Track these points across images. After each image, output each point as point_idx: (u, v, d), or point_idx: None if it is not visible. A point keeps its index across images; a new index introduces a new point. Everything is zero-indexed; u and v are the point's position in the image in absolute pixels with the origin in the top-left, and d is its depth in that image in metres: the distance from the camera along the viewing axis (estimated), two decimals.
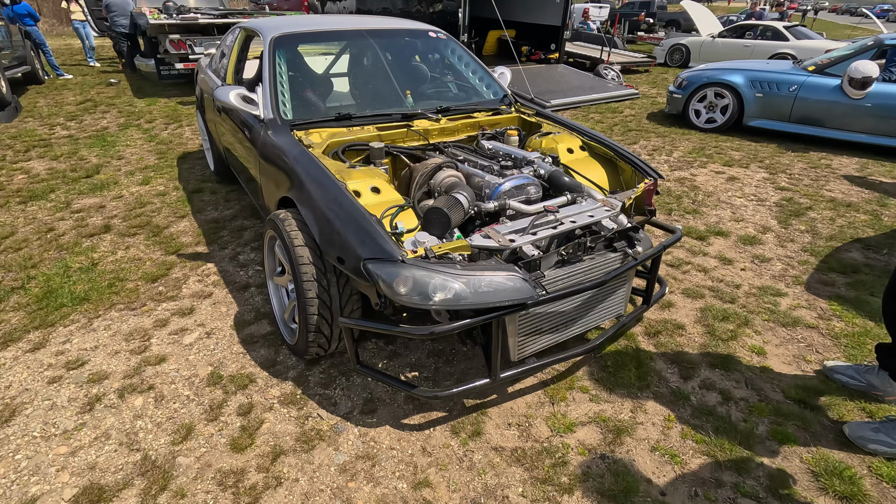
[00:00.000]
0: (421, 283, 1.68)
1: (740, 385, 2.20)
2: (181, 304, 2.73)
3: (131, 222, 3.69)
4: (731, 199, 4.29)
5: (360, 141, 2.53)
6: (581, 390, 2.17)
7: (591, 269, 2.03)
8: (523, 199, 2.26)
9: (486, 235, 1.92)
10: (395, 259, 1.71)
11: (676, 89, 6.72)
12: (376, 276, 1.72)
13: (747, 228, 3.73)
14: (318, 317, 2.01)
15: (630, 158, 2.56)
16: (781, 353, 2.40)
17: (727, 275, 3.09)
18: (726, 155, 5.50)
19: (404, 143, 2.70)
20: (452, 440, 1.92)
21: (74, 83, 9.21)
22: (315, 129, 2.58)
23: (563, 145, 2.69)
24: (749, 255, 3.33)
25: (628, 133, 6.33)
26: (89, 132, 6.16)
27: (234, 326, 2.55)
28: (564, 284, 1.95)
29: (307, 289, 1.97)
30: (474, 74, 3.43)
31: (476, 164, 2.50)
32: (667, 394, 2.15)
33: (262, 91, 2.70)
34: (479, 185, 2.31)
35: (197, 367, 2.27)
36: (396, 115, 2.77)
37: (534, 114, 3.11)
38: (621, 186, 2.65)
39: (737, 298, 2.83)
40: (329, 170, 2.14)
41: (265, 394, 2.12)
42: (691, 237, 3.58)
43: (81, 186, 4.37)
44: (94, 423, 1.96)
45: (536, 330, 1.99)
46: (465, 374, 2.25)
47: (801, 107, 5.75)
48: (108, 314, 2.63)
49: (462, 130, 2.87)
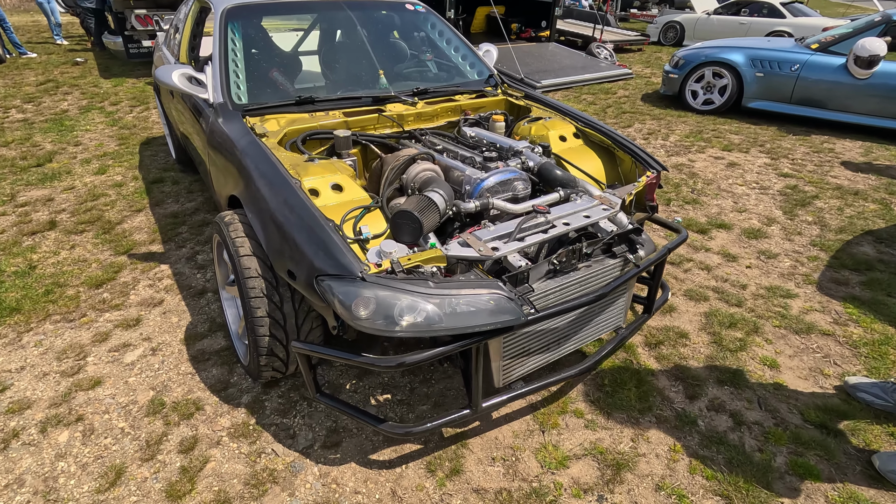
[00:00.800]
0: (385, 305, 1.40)
1: (753, 405, 1.96)
2: (126, 313, 2.43)
3: (80, 217, 3.34)
4: (732, 188, 4.03)
5: (322, 129, 2.21)
6: (575, 414, 1.91)
7: (588, 280, 1.76)
8: (509, 196, 1.97)
9: (464, 243, 1.63)
10: (354, 275, 1.42)
11: (672, 69, 6.40)
12: (331, 295, 1.43)
13: (751, 220, 3.48)
14: (270, 338, 1.72)
15: (630, 148, 2.27)
16: (796, 365, 2.17)
17: (732, 273, 2.84)
18: (725, 139, 5.23)
19: (375, 130, 2.38)
20: (427, 480, 1.66)
21: (38, 62, 8.65)
22: (272, 115, 2.25)
23: (554, 132, 2.39)
24: (754, 251, 3.08)
25: (622, 115, 6.02)
26: (47, 115, 5.72)
27: (184, 341, 2.26)
28: (557, 299, 1.68)
29: (255, 306, 1.68)
30: (457, 52, 3.09)
31: (456, 155, 2.20)
32: (671, 418, 1.90)
33: (212, 71, 2.36)
34: (458, 180, 2.01)
35: (137, 391, 1.98)
36: (367, 99, 2.44)
37: (522, 96, 2.80)
38: (620, 179, 2.36)
39: (744, 301, 2.58)
40: (282, 164, 1.83)
41: (213, 424, 1.84)
42: (692, 230, 3.32)
43: (30, 176, 3.99)
44: (6, 466, 1.67)
45: (524, 351, 1.72)
46: (444, 397, 1.99)
47: (804, 87, 5.47)
48: (42, 327, 2.32)
49: (441, 115, 2.56)
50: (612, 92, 7.20)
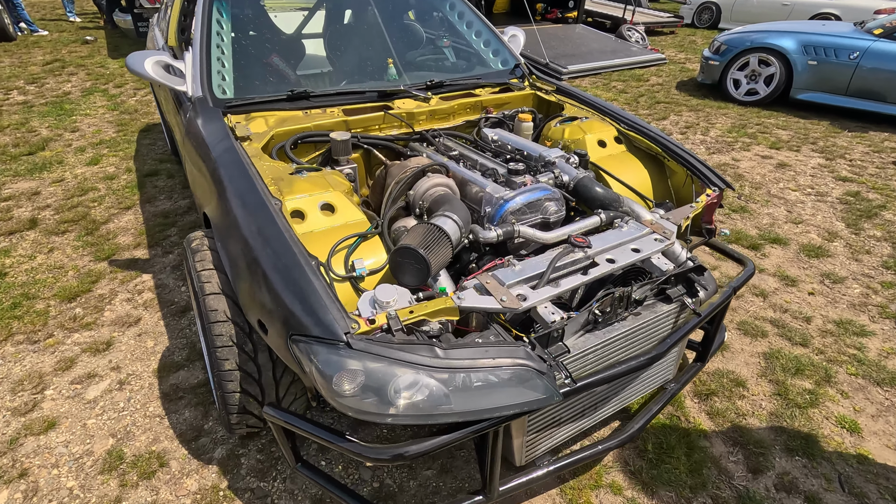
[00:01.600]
0: (377, 381, 1.07)
1: (832, 485, 1.60)
2: (97, 334, 2.15)
3: (64, 215, 3.07)
4: (783, 193, 3.58)
5: (317, 130, 1.86)
6: (612, 490, 1.57)
7: (637, 332, 1.40)
8: (538, 220, 1.61)
9: (482, 288, 1.29)
10: (338, 339, 1.08)
11: (713, 55, 5.85)
12: (309, 363, 1.10)
13: (809, 234, 3.05)
14: (242, 394, 1.41)
15: (685, 159, 1.88)
16: (881, 429, 1.79)
17: (792, 301, 2.44)
18: (772, 134, 4.73)
19: (381, 131, 2.03)
20: None
21: (48, 40, 8.41)
22: (260, 113, 1.91)
23: (592, 136, 2.01)
24: (816, 273, 2.67)
25: (656, 106, 5.53)
26: (48, 98, 5.47)
27: (157, 372, 1.97)
28: (598, 360, 1.33)
29: (223, 357, 1.36)
30: (479, 38, 2.70)
31: (475, 165, 1.84)
32: (732, 499, 1.55)
33: (191, 58, 2.02)
34: (477, 198, 1.66)
35: (94, 438, 1.70)
36: (371, 94, 2.08)
37: (553, 90, 2.40)
38: (671, 195, 1.98)
39: (809, 339, 2.19)
40: (262, 179, 1.49)
41: (177, 487, 1.55)
42: (742, 245, 2.91)
43: (19, 166, 3.74)
44: None
45: (553, 422, 1.38)
46: (453, 458, 1.66)
47: (863, 77, 4.91)
48: (2, 349, 2.06)
49: (459, 114, 2.19)
50: (643, 79, 6.67)
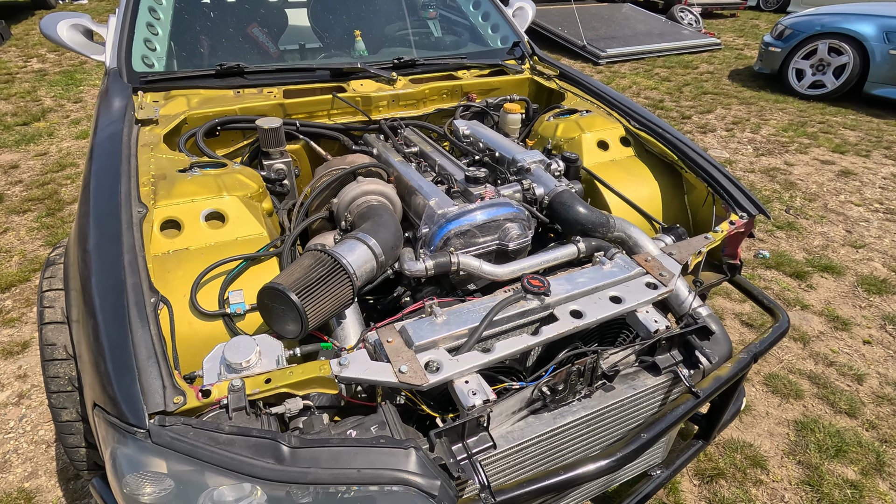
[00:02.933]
0: (186, 489, 0.74)
1: None
2: (18, 333, 1.93)
3: (32, 192, 2.90)
4: (844, 208, 3.00)
5: (243, 114, 1.52)
6: None
7: (606, 418, 1.02)
8: (494, 247, 1.22)
9: (379, 348, 0.93)
10: (136, 426, 0.75)
11: (774, 41, 5.13)
12: (103, 451, 0.79)
13: (872, 262, 2.50)
14: (89, 449, 1.12)
15: (708, 172, 1.43)
16: None
17: (842, 352, 1.95)
18: (837, 136, 4.07)
19: (330, 118, 1.67)
20: None
21: (87, 8, 8.46)
22: (182, 91, 1.59)
23: (591, 135, 1.58)
24: (877, 315, 2.15)
25: (702, 97, 4.91)
26: (64, 66, 5.41)
27: None
28: (538, 459, 0.96)
29: (58, 405, 1.07)
30: (476, 9, 2.27)
31: (433, 166, 1.46)
32: None
33: (114, 22, 1.71)
34: (420, 210, 1.28)
35: None
36: (323, 72, 1.71)
37: (556, 75, 1.97)
38: (686, 216, 1.54)
39: (859, 406, 1.72)
40: (137, 177, 1.17)
41: None
42: (783, 271, 2.41)
43: (9, 137, 3.62)
44: None
45: None
46: None
47: None
48: None
49: (431, 100, 1.80)
50: (692, 66, 5.99)
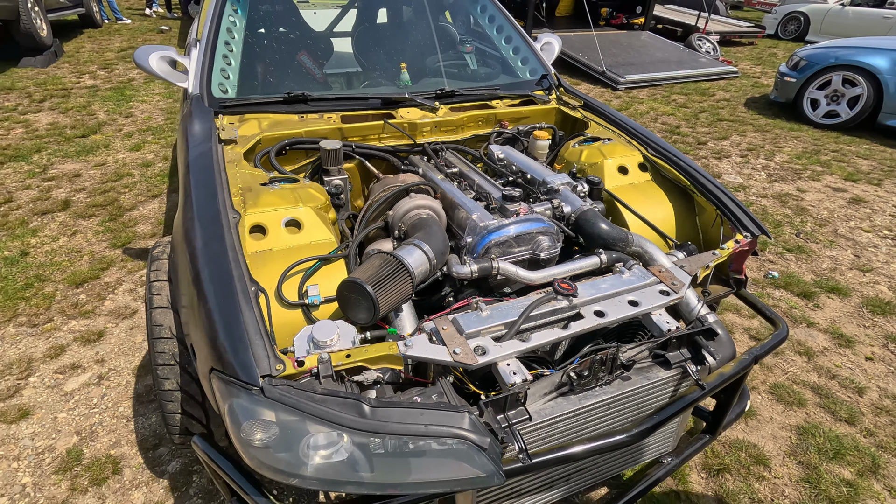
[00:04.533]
0: (289, 436, 0.94)
1: None
2: (93, 323, 2.17)
3: (95, 199, 3.18)
4: (854, 234, 3.14)
5: (309, 136, 1.76)
6: None
7: (622, 402, 1.19)
8: (527, 256, 1.42)
9: (436, 334, 1.12)
10: (250, 384, 0.96)
11: (790, 71, 5.30)
12: (220, 405, 0.99)
13: (878, 285, 2.63)
14: (184, 416, 1.32)
15: (717, 197, 1.61)
16: None
17: (844, 367, 2.09)
18: (850, 164, 4.20)
19: (380, 141, 1.90)
20: None
21: (130, 28, 8.98)
22: (254, 115, 1.84)
23: (613, 161, 1.78)
24: (880, 334, 2.28)
25: (717, 124, 5.09)
26: (114, 83, 5.80)
27: (136, 370, 1.95)
28: (568, 433, 1.14)
29: (163, 376, 1.28)
30: (508, 44, 2.51)
31: (472, 185, 1.67)
32: None
33: (196, 54, 1.98)
34: (464, 224, 1.49)
35: (61, 433, 1.69)
36: (375, 101, 1.95)
37: (580, 106, 2.18)
38: (696, 236, 1.72)
39: (858, 416, 1.86)
40: (229, 188, 1.40)
41: (123, 499, 1.50)
42: (791, 291, 2.55)
43: (70, 148, 3.94)
44: None
45: (512, 494, 1.20)
46: None
47: None
48: (3, 329, 2.11)
49: (469, 126, 2.02)
50: (709, 93, 6.18)
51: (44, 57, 6.42)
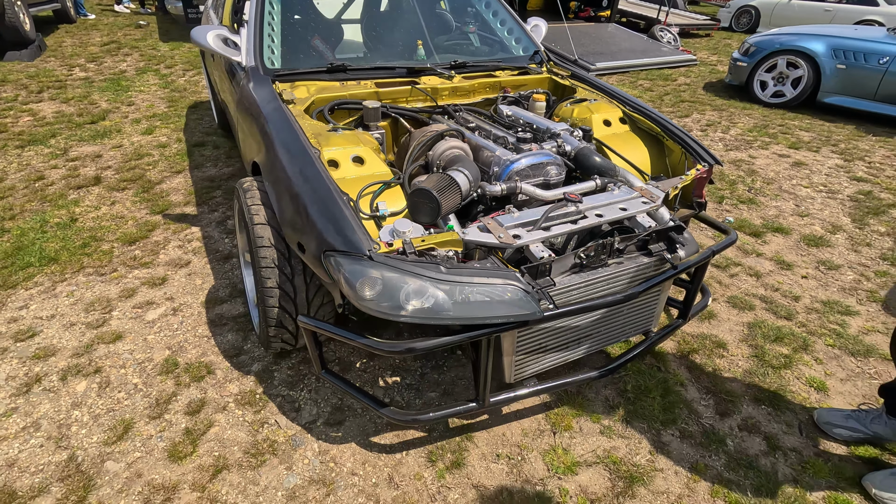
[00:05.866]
0: (392, 287, 1.32)
1: (792, 429, 1.78)
2: (154, 272, 2.48)
3: (123, 175, 3.44)
4: (795, 189, 3.69)
5: (351, 98, 2.13)
6: (591, 419, 1.80)
7: (617, 278, 1.62)
8: (540, 181, 1.84)
9: (484, 228, 1.53)
10: (361, 254, 1.34)
11: (742, 56, 5.91)
12: (337, 272, 1.37)
13: (813, 226, 3.17)
14: (280, 310, 1.68)
15: (680, 138, 2.07)
16: (848, 390, 1.95)
17: (784, 283, 2.60)
18: (793, 135, 4.80)
19: (408, 103, 2.28)
20: (427, 470, 1.60)
21: (105, 24, 8.98)
22: (303, 82, 2.19)
23: (598, 116, 2.22)
24: (813, 260, 2.80)
25: (680, 104, 5.64)
26: (106, 75, 5.93)
27: (204, 304, 2.28)
28: (580, 296, 1.55)
29: (266, 277, 1.64)
30: (503, 26, 2.92)
31: (489, 134, 2.07)
32: (697, 433, 1.75)
33: (246, 33, 2.31)
34: (487, 161, 1.89)
35: (154, 349, 2.01)
36: (401, 70, 2.34)
37: (568, 76, 2.61)
38: (667, 171, 2.17)
39: (794, 314, 2.35)
40: (304, 133, 1.76)
41: (221, 389, 1.85)
42: (744, 232, 3.06)
43: (83, 133, 4.15)
44: (26, 409, 1.73)
45: (540, 347, 1.61)
46: (454, 385, 1.91)
47: (892, 82, 4.92)
48: (75, 278, 2.40)
49: (479, 91, 2.42)
50: (671, 79, 6.76)
51: (29, 51, 6.49)
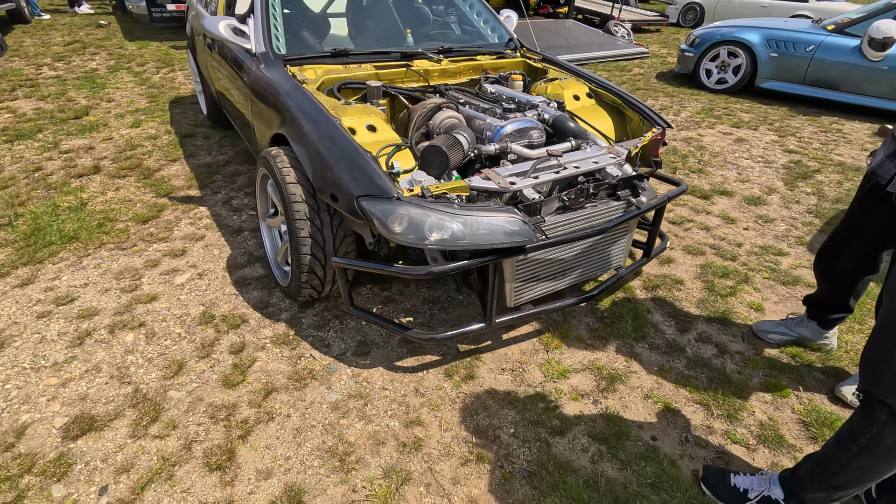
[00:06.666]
0: (416, 222, 1.62)
1: (737, 339, 2.19)
2: (172, 245, 2.68)
3: (121, 164, 3.59)
4: (737, 161, 4.19)
5: (356, 79, 2.41)
6: (576, 339, 2.15)
7: (593, 217, 1.97)
8: (525, 143, 2.17)
9: (485, 177, 1.85)
10: (391, 196, 1.64)
11: (688, 47, 6.47)
12: (370, 213, 1.66)
13: (752, 189, 3.65)
14: (311, 257, 1.96)
15: (638, 107, 2.46)
16: (780, 310, 2.38)
17: (729, 233, 3.04)
18: (735, 116, 5.35)
19: (403, 83, 2.58)
20: (445, 382, 1.91)
21: (63, 24, 8.81)
22: (309, 66, 2.46)
23: (568, 91, 2.58)
24: (753, 216, 3.27)
25: (636, 92, 6.13)
26: (78, 73, 5.93)
27: (226, 269, 2.51)
28: (565, 231, 1.90)
29: (300, 227, 1.91)
30: (479, 16, 3.26)
31: (478, 107, 2.40)
32: (662, 345, 2.14)
33: (254, 23, 2.56)
34: (480, 128, 2.22)
35: (188, 306, 2.24)
36: (395, 54, 2.64)
37: (540, 59, 2.97)
38: (628, 136, 2.55)
39: (738, 256, 2.79)
40: (323, 106, 2.04)
41: (257, 334, 2.10)
42: (695, 196, 3.51)
43: (70, 127, 4.23)
44: (84, 357, 1.94)
45: (534, 276, 1.95)
46: (460, 320, 2.23)
47: (817, 68, 5.55)
48: (98, 253, 2.58)
49: (464, 73, 2.75)
50: (627, 70, 7.28)
51: None
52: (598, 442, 1.69)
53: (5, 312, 2.15)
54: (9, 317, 2.12)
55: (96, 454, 1.58)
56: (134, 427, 1.67)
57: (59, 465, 1.53)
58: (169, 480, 1.51)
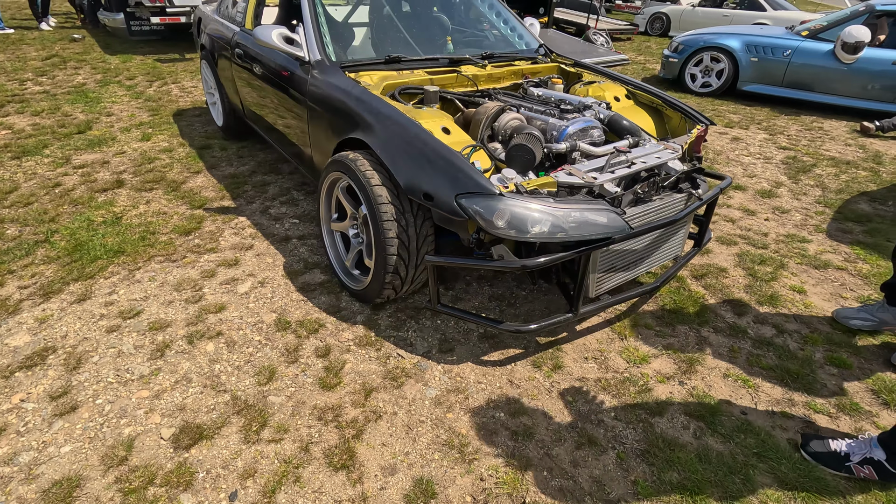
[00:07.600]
0: (518, 217, 1.69)
1: (790, 319, 2.33)
2: (223, 255, 2.64)
3: (144, 177, 3.50)
4: (739, 158, 4.43)
5: (414, 84, 2.46)
6: (645, 327, 2.25)
7: (661, 209, 2.08)
8: (588, 141, 2.27)
9: (569, 173, 1.93)
10: (492, 193, 1.70)
11: (672, 53, 6.80)
12: (472, 210, 1.71)
13: (761, 183, 3.88)
14: (397, 257, 1.99)
15: (679, 106, 2.60)
16: (820, 291, 2.55)
17: (753, 224, 3.22)
18: (725, 118, 5.65)
19: (453, 88, 2.65)
20: (536, 373, 1.97)
21: (32, 38, 8.48)
22: (365, 72, 2.50)
23: (609, 93, 2.70)
24: (769, 207, 3.47)
25: None
26: (66, 88, 5.74)
27: (286, 276, 2.49)
28: (642, 222, 2.00)
29: (387, 228, 1.94)
30: (506, 24, 3.37)
31: (532, 109, 2.49)
32: (725, 328, 2.26)
33: (305, 31, 2.58)
34: (541, 128, 2.30)
35: (260, 314, 2.22)
36: (444, 60, 2.71)
37: (572, 64, 3.10)
38: (668, 135, 2.69)
39: (768, 245, 2.97)
40: (401, 110, 2.08)
41: (339, 337, 2.10)
42: None
43: (76, 142, 4.09)
44: (169, 368, 1.90)
45: (612, 267, 2.04)
46: (529, 316, 2.29)
47: (794, 71, 5.93)
48: (149, 266, 2.52)
49: (506, 78, 2.84)
50: None
51: None
52: (695, 419, 1.78)
53: (71, 329, 2.08)
54: (76, 332, 2.06)
55: (215, 462, 1.55)
56: (245, 433, 1.65)
57: (182, 475, 1.50)
58: (297, 482, 1.50)
